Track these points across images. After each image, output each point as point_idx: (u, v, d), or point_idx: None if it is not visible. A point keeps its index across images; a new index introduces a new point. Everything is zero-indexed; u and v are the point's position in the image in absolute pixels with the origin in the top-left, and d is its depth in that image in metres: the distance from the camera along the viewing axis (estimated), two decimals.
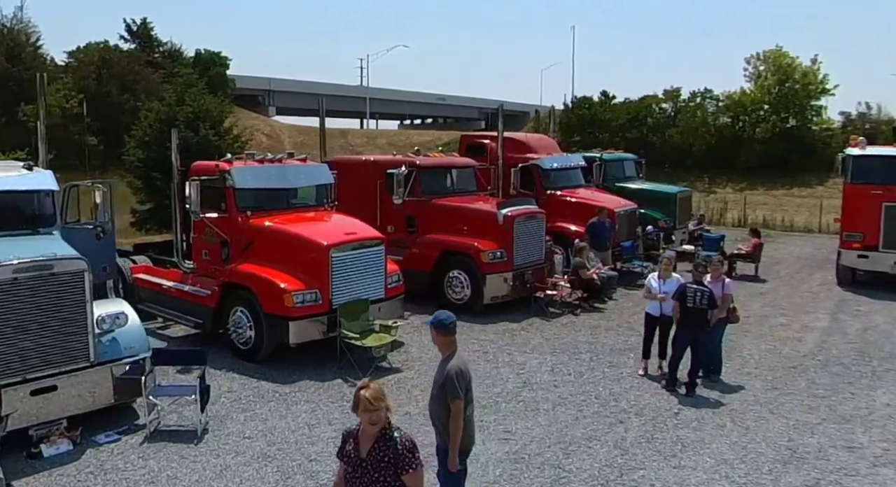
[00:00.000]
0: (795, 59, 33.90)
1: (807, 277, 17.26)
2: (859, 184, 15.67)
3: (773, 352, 11.40)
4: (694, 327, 9.51)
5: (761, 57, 34.70)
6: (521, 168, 16.43)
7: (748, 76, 35.25)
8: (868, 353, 11.40)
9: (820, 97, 33.60)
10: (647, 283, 10.37)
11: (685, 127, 34.28)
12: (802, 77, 33.27)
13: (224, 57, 41.74)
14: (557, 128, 38.82)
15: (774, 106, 33.30)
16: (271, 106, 50.95)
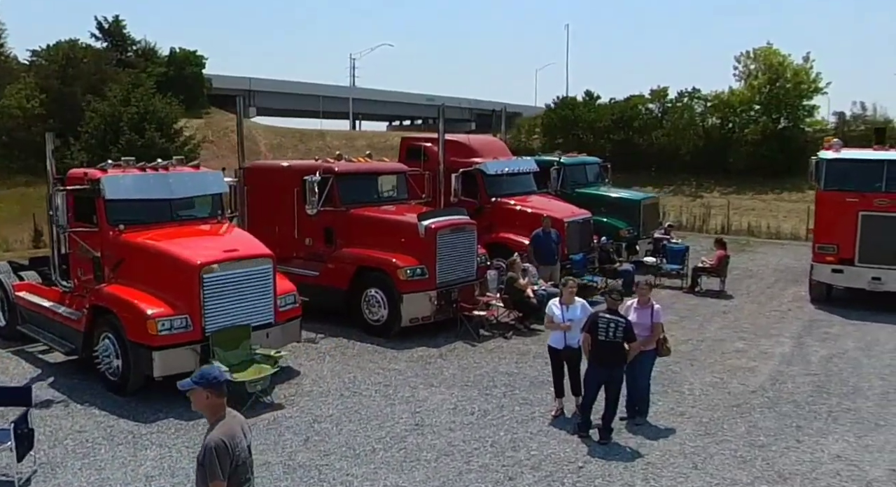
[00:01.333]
0: (787, 57, 32.30)
1: (779, 293, 15.73)
2: (833, 191, 14.11)
3: (717, 387, 9.92)
4: (607, 363, 8.07)
5: (751, 55, 33.07)
6: (462, 173, 15.01)
7: (738, 75, 33.70)
8: (828, 388, 9.91)
9: (812, 96, 31.95)
10: (548, 310, 8.94)
11: (672, 128, 32.65)
12: (794, 75, 31.60)
13: (199, 56, 40.65)
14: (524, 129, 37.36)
15: (765, 106, 31.64)
16: (252, 106, 49.76)
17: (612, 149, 34.66)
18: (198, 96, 39.35)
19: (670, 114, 33.40)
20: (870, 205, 13.73)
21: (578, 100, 36.70)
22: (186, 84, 38.07)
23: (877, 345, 11.93)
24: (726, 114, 32.60)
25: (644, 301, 8.64)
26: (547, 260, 14.05)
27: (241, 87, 49.51)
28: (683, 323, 13.20)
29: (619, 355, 8.08)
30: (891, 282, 13.70)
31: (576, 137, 34.26)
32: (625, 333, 7.97)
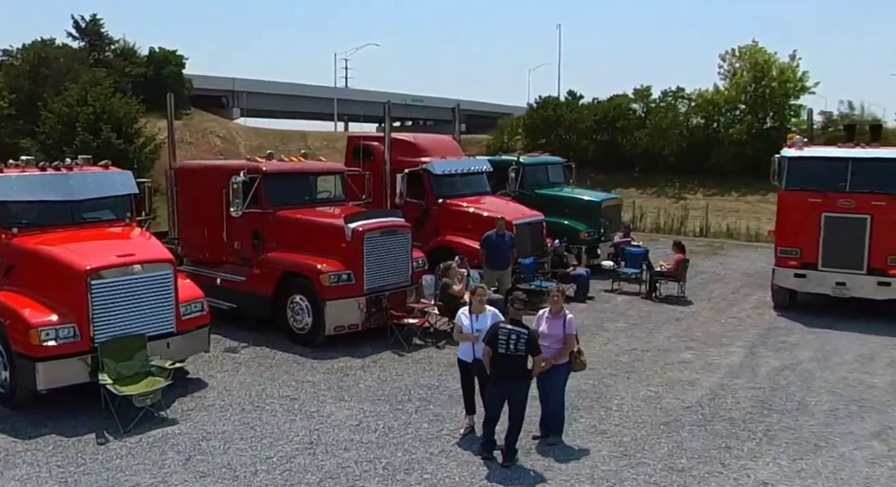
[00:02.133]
0: (772, 55, 31.43)
1: (742, 298, 14.97)
2: (796, 191, 13.38)
3: (650, 402, 9.20)
4: (508, 378, 7.38)
5: (737, 53, 32.26)
6: (407, 173, 14.32)
7: (722, 74, 32.88)
8: (771, 403, 9.17)
9: (799, 96, 31.12)
10: (457, 320, 8.25)
11: (654, 128, 31.85)
12: (780, 74, 30.78)
13: (179, 56, 40.00)
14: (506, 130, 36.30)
15: (751, 105, 30.83)
16: (235, 107, 49.21)
17: (596, 150, 34.05)
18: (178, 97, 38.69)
19: (653, 114, 32.60)
20: (834, 206, 12.98)
21: (561, 101, 35.95)
22: (166, 84, 37.43)
23: (835, 356, 11.19)
24: (711, 113, 31.82)
25: (556, 310, 7.94)
26: (498, 264, 13.34)
27: (225, 88, 49.05)
28: (632, 331, 12.50)
29: (520, 369, 7.37)
30: (856, 288, 12.96)
31: (559, 138, 33.57)
32: (527, 345, 7.27)
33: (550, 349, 7.88)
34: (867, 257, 12.80)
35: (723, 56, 32.64)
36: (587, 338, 11.89)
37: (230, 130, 39.32)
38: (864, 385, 9.91)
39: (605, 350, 11.34)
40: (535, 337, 7.36)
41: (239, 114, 49.48)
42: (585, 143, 32.85)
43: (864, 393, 9.59)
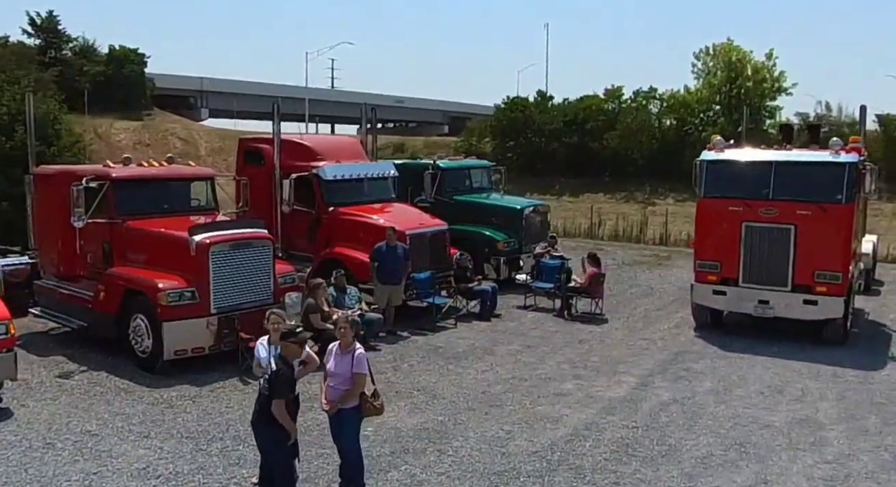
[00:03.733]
0: (747, 54, 30.02)
1: (665, 316, 13.70)
2: (715, 198, 12.14)
3: (495, 444, 8.00)
4: (253, 423, 6.26)
5: (710, 51, 30.89)
6: (295, 178, 13.21)
7: (696, 73, 31.51)
8: (636, 447, 7.95)
9: (776, 96, 29.70)
10: (256, 352, 7.17)
11: (625, 130, 30.50)
12: (754, 73, 29.38)
13: (140, 54, 39.04)
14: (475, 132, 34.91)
15: (725, 106, 29.46)
16: (204, 108, 48.28)
17: (566, 153, 32.75)
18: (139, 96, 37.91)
19: (623, 115, 31.24)
20: (755, 215, 11.72)
21: (530, 101, 34.70)
22: (126, 84, 36.66)
23: (739, 387, 9.93)
24: (683, 115, 30.46)
25: (345, 344, 6.79)
26: (389, 279, 12.21)
27: (193, 88, 48.15)
28: (523, 355, 11.30)
29: (262, 414, 6.21)
30: (780, 307, 11.67)
31: (528, 140, 32.32)
32: (271, 387, 6.12)
33: (337, 390, 6.74)
34: (792, 272, 11.55)
35: (697, 54, 31.38)
36: (467, 364, 10.85)
37: (192, 132, 38.42)
38: (757, 423, 8.67)
39: (479, 378, 10.16)
40: (278, 377, 6.17)
41: (207, 115, 48.60)
42: (555, 146, 31.55)
43: (754, 434, 8.37)
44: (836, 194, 11.36)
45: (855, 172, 11.45)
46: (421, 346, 11.72)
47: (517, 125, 32.48)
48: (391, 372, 10.45)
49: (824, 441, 8.20)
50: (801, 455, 7.86)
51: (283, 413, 6.06)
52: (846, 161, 11.44)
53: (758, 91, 29.43)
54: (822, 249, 11.39)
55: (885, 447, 8.07)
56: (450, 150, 37.13)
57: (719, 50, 30.64)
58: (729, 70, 29.84)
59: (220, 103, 48.85)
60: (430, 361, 10.97)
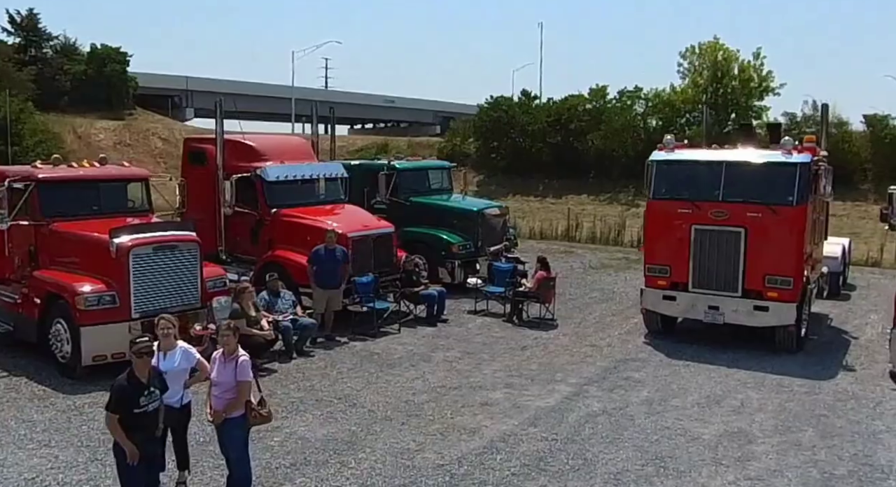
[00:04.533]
0: (734, 53, 29.61)
1: (619, 321, 13.34)
2: (664, 200, 11.82)
3: (402, 457, 7.64)
4: (144, 439, 5.99)
5: (696, 50, 30.47)
6: (236, 179, 12.95)
7: (682, 72, 31.10)
8: (550, 461, 7.59)
9: (763, 96, 29.29)
10: None
11: (608, 130, 30.13)
12: (740, 72, 28.96)
13: (123, 53, 38.98)
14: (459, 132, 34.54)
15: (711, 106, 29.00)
16: (189, 107, 48.15)
17: (550, 154, 32.38)
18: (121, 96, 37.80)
19: (608, 116, 30.85)
20: (705, 218, 11.38)
21: (514, 101, 34.36)
22: (107, 83, 36.55)
23: (677, 397, 9.59)
24: (668, 114, 30.07)
25: (229, 351, 6.53)
26: (328, 282, 11.94)
27: (178, 87, 48.01)
28: (460, 362, 10.98)
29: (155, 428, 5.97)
30: (730, 313, 11.32)
31: (511, 141, 31.99)
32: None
33: (221, 399, 6.48)
34: (742, 277, 11.22)
35: (683, 53, 31.00)
36: (399, 372, 10.55)
37: (174, 132, 38.25)
38: (686, 436, 8.34)
39: (406, 386, 9.86)
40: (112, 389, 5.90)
41: (193, 115, 48.48)
42: (539, 146, 31.20)
43: (679, 447, 8.03)
44: (787, 195, 11.00)
45: (807, 173, 11.10)
46: (357, 352, 11.44)
47: (500, 125, 32.16)
48: (317, 379, 10.18)
49: (751, 456, 7.86)
50: (722, 470, 7.53)
51: (114, 428, 5.79)
52: (798, 161, 11.08)
53: (744, 91, 29.09)
54: (773, 253, 11.04)
55: (815, 462, 7.72)
56: (434, 151, 37.04)
57: (705, 49, 30.32)
58: (715, 69, 29.47)
59: (206, 103, 48.36)
60: (362, 368, 10.69)
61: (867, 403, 9.48)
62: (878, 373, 10.59)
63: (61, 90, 35.30)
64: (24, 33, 38.32)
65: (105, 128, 35.81)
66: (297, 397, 9.54)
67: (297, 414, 8.96)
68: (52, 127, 32.58)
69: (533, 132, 31.58)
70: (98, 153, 29.30)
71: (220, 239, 13.62)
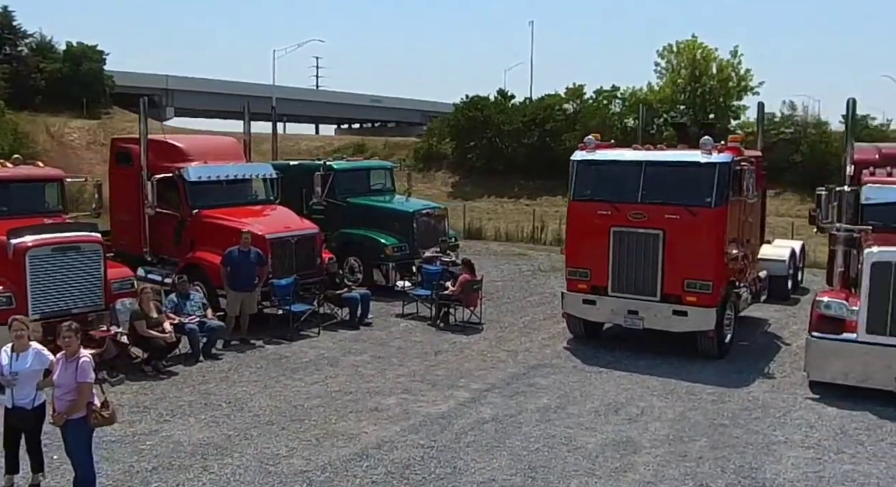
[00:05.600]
0: (711, 51, 29.39)
1: (549, 325, 13.11)
2: (584, 201, 11.70)
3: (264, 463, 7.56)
4: None
5: (674, 49, 30.26)
6: (158, 180, 12.95)
7: (659, 71, 30.88)
8: (415, 470, 7.48)
9: (742, 96, 29.05)
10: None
11: (584, 130, 29.86)
12: (719, 71, 28.75)
13: (99, 51, 39.17)
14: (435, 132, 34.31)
15: (690, 105, 28.86)
16: (170, 107, 48.27)
17: (526, 155, 32.23)
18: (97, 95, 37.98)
19: (584, 115, 30.70)
20: (624, 220, 11.25)
21: (491, 100, 34.22)
22: (83, 81, 36.68)
23: (576, 404, 9.45)
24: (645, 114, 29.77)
25: (71, 352, 6.52)
26: (241, 285, 11.89)
27: (157, 86, 48.17)
28: (367, 366, 10.88)
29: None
30: (650, 318, 11.17)
31: (488, 141, 31.90)
32: None
33: (63, 401, 6.50)
34: (661, 281, 11.08)
35: (661, 52, 30.79)
36: (302, 376, 10.48)
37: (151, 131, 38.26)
38: (570, 445, 8.19)
39: (302, 391, 9.77)
40: None
41: (174, 114, 48.63)
42: (515, 147, 31.07)
43: (557, 457, 7.86)
44: (705, 197, 10.83)
45: (727, 174, 10.92)
46: (266, 356, 11.38)
47: (476, 125, 32.07)
48: (215, 383, 10.13)
49: (629, 467, 7.73)
50: (594, 481, 7.40)
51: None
52: (716, 161, 10.90)
53: (722, 90, 28.87)
54: (692, 256, 10.88)
55: (695, 475, 7.57)
56: (411, 151, 37.04)
57: (683, 47, 30.11)
58: (693, 68, 29.26)
59: (187, 102, 48.93)
60: (265, 372, 10.62)
61: (774, 412, 9.33)
62: (797, 381, 10.42)
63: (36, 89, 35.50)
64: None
65: (79, 128, 35.99)
66: (187, 400, 9.52)
67: (180, 418, 8.94)
68: (24, 126, 32.74)
69: (509, 132, 31.50)
70: (72, 152, 29.38)
71: (145, 240, 13.70)
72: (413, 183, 33.92)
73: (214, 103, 47.26)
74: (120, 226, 14.22)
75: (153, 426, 8.74)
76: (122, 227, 14.10)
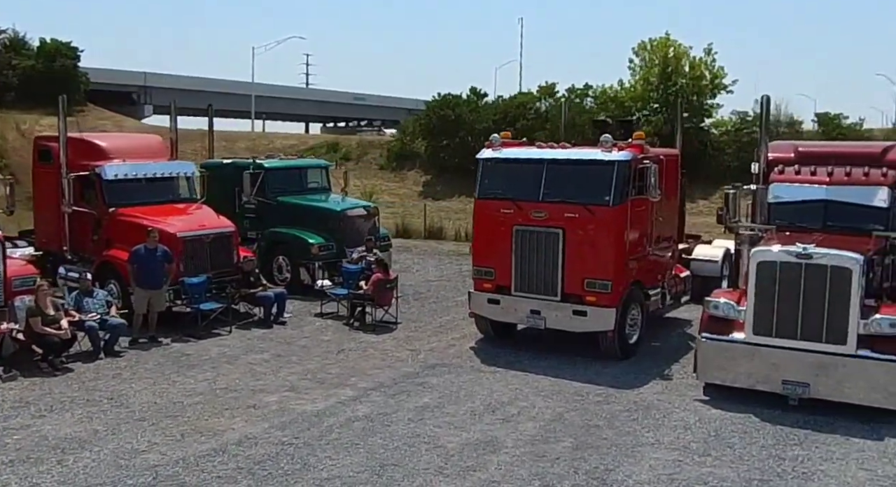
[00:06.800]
0: (681, 48, 29.42)
1: (466, 325, 13.03)
2: (489, 199, 11.87)
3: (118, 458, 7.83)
4: None
5: (647, 46, 30.31)
6: (75, 178, 13.25)
7: (633, 69, 30.94)
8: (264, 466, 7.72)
9: (715, 94, 29.08)
10: None
11: (554, 129, 30.04)
12: (690, 69, 28.82)
13: (74, 48, 39.63)
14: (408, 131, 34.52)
15: (662, 103, 28.95)
16: (148, 104, 48.75)
17: None
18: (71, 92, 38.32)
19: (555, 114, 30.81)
20: (526, 218, 11.42)
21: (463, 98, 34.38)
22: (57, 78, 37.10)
23: (456, 404, 9.62)
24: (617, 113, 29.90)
25: None
26: (148, 282, 12.16)
27: (135, 83, 48.68)
28: (264, 364, 11.12)
29: None
30: (551, 318, 11.33)
31: (460, 140, 32.08)
32: None
33: None
34: (561, 280, 11.26)
35: (635, 50, 30.84)
36: (196, 373, 10.69)
37: (123, 129, 38.87)
38: (432, 444, 8.31)
39: (189, 388, 10.04)
40: None
41: (152, 111, 49.09)
42: None
43: (414, 456, 8.01)
44: (603, 195, 11.02)
45: (626, 172, 11.07)
46: (168, 354, 11.63)
47: (447, 123, 32.26)
48: (105, 380, 10.40)
49: (482, 466, 7.88)
50: (439, 480, 7.53)
51: None
52: (615, 159, 11.08)
53: (694, 88, 28.93)
54: (591, 255, 11.06)
55: (545, 476, 7.71)
56: (384, 150, 37.28)
57: (656, 45, 30.20)
58: (664, 65, 29.34)
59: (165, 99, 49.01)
60: (160, 369, 10.88)
61: (655, 414, 9.47)
62: (694, 383, 10.48)
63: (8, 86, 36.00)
64: None
65: (50, 125, 36.15)
66: (71, 396, 9.78)
67: (58, 413, 9.20)
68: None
69: (481, 131, 31.66)
70: None
71: (65, 237, 14.01)
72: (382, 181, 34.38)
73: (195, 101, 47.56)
74: (42, 224, 14.59)
75: (28, 421, 9.02)
76: (45, 225, 14.43)
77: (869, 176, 11.21)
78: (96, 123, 41.06)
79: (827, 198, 11.15)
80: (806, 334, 9.55)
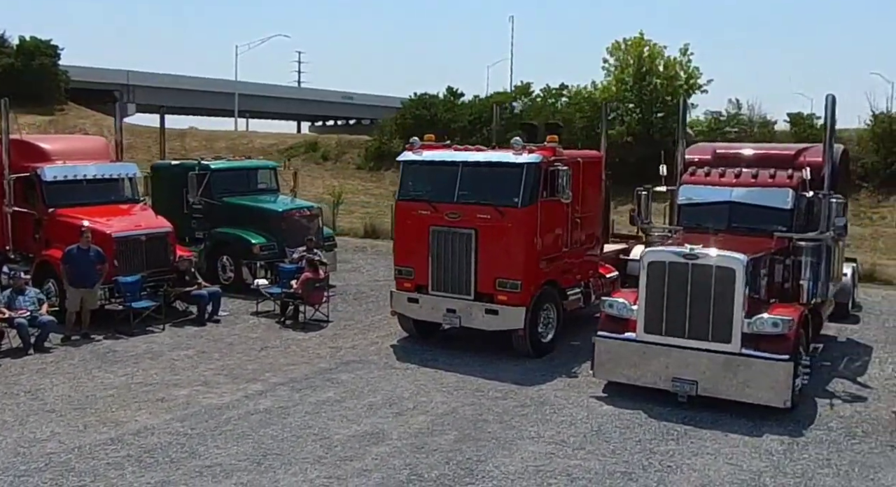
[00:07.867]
0: (655, 47, 29.87)
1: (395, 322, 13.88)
2: (408, 201, 12.50)
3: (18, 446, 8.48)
4: None
5: (622, 46, 30.76)
6: (16, 179, 14.00)
7: (607, 69, 31.40)
8: (154, 454, 8.36)
9: (689, 94, 29.51)
10: None
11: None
12: (665, 69, 29.26)
13: (53, 46, 40.52)
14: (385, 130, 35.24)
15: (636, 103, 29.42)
16: (131, 103, 49.65)
17: None
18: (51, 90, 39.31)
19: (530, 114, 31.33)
20: (441, 219, 12.02)
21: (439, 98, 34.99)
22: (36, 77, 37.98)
23: (357, 399, 10.27)
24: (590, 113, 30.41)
25: None
26: (81, 281, 12.84)
27: (118, 81, 49.61)
28: (186, 360, 11.82)
29: None
30: (466, 316, 11.94)
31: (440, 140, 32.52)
32: None
33: None
34: (474, 280, 11.84)
35: (609, 49, 31.30)
36: (117, 369, 11.39)
37: (103, 128, 39.69)
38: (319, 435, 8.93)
39: (106, 383, 10.74)
40: None
41: (135, 110, 49.98)
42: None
43: (297, 446, 8.64)
44: (513, 197, 11.60)
45: (535, 174, 11.62)
46: (96, 351, 12.31)
47: (422, 123, 32.86)
48: (29, 374, 11.10)
49: (359, 457, 8.46)
50: (316, 469, 8.13)
51: None
52: (525, 161, 11.65)
53: (669, 88, 29.40)
54: (502, 256, 11.65)
55: (416, 466, 8.27)
56: (361, 149, 37.90)
57: (630, 44, 30.68)
58: (638, 65, 29.82)
59: (149, 98, 50.22)
60: (84, 365, 11.56)
61: (547, 410, 10.04)
62: (598, 382, 11.10)
63: None
64: None
65: (29, 124, 37.23)
66: None
67: None
68: None
69: (457, 130, 32.24)
70: None
71: (7, 237, 14.75)
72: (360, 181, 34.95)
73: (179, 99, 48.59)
74: None
75: None
76: None
77: (775, 178, 11.79)
78: (76, 122, 42.09)
79: (732, 200, 11.77)
80: (693, 333, 10.13)
